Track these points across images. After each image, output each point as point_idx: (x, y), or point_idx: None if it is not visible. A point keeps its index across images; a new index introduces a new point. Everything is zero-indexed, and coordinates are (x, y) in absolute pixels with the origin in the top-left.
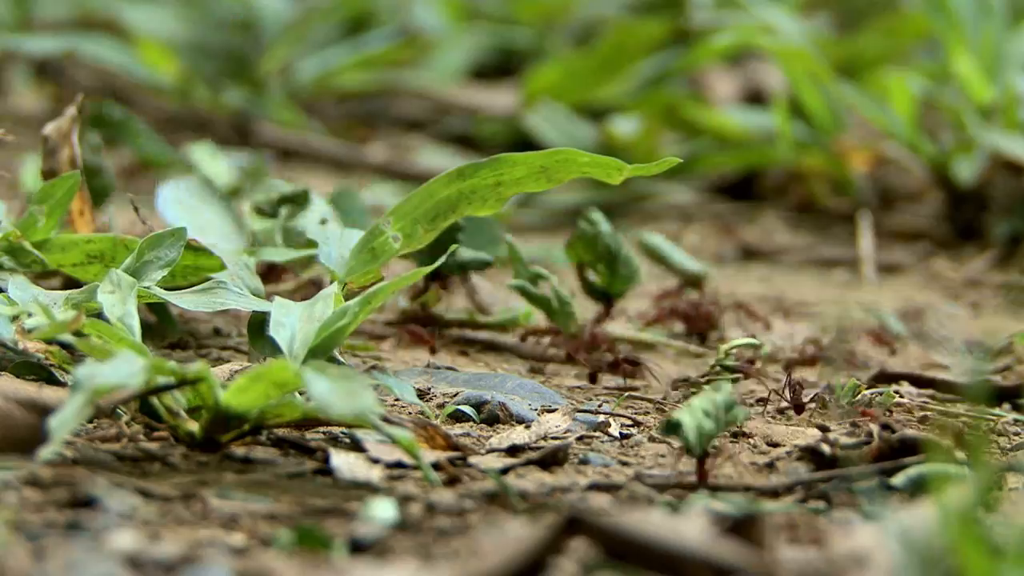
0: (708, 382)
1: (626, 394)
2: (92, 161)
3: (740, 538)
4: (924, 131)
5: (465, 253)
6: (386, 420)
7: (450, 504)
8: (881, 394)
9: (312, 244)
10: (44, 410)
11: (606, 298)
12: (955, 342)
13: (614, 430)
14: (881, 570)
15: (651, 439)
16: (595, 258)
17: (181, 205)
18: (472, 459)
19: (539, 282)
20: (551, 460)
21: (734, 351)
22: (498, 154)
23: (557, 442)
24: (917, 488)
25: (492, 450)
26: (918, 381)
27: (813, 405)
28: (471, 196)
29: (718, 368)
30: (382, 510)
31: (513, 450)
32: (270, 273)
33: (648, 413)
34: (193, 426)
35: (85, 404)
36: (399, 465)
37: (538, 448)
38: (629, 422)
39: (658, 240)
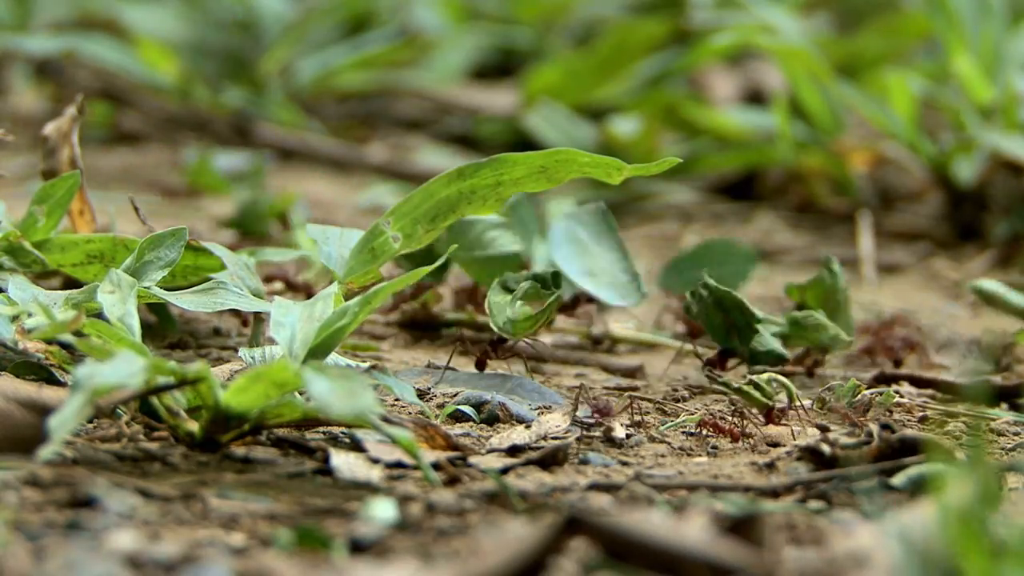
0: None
1: (626, 394)
2: None
3: (740, 538)
4: (924, 131)
5: (764, 343)
6: (386, 420)
7: (450, 504)
8: (881, 394)
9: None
10: (44, 410)
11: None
12: (960, 343)
13: (614, 430)
14: (881, 570)
15: (651, 439)
16: (822, 307)
17: (573, 243)
18: (472, 459)
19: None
20: (551, 460)
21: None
22: (498, 154)
23: (557, 442)
24: (917, 488)
25: (492, 450)
26: (918, 381)
27: (810, 404)
28: (471, 196)
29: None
30: (382, 510)
31: (513, 450)
32: None
33: (648, 413)
34: (193, 426)
35: (85, 404)
36: (399, 465)
37: (538, 448)
38: (629, 422)
39: (994, 285)
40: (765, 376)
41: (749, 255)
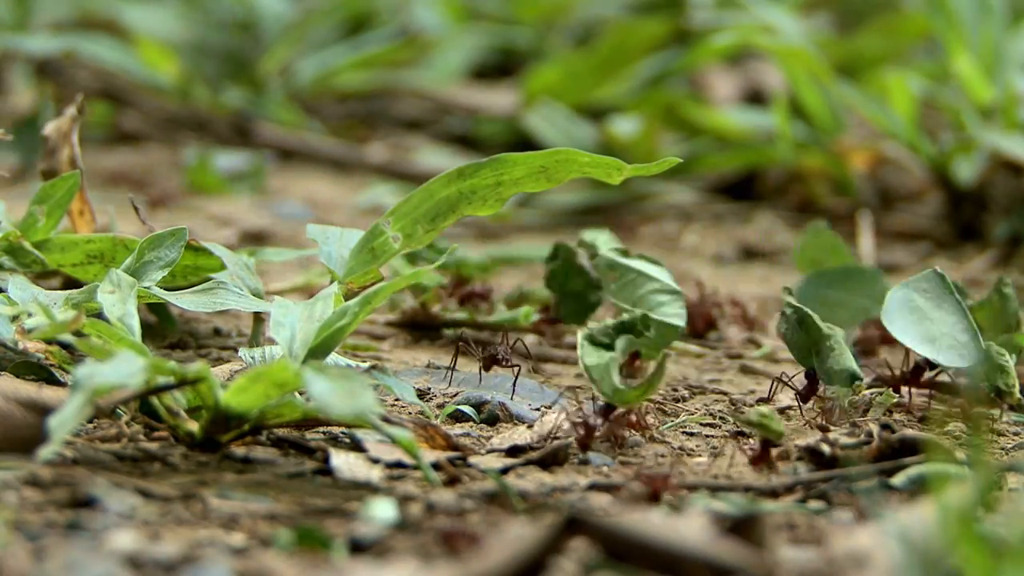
0: None
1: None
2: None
3: (740, 538)
4: (924, 131)
5: (840, 361)
6: (386, 420)
7: (450, 504)
8: (881, 394)
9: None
10: (44, 410)
11: None
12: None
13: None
14: (881, 570)
15: (651, 439)
16: (991, 328)
17: (910, 310)
18: (472, 459)
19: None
20: (551, 460)
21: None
22: (498, 154)
23: (557, 442)
24: (917, 488)
25: (492, 450)
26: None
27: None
28: (471, 196)
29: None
30: (382, 510)
31: (513, 450)
32: None
33: (648, 413)
34: (193, 426)
35: (85, 404)
36: (399, 465)
37: (538, 448)
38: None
39: None
40: (765, 408)
41: (878, 286)
